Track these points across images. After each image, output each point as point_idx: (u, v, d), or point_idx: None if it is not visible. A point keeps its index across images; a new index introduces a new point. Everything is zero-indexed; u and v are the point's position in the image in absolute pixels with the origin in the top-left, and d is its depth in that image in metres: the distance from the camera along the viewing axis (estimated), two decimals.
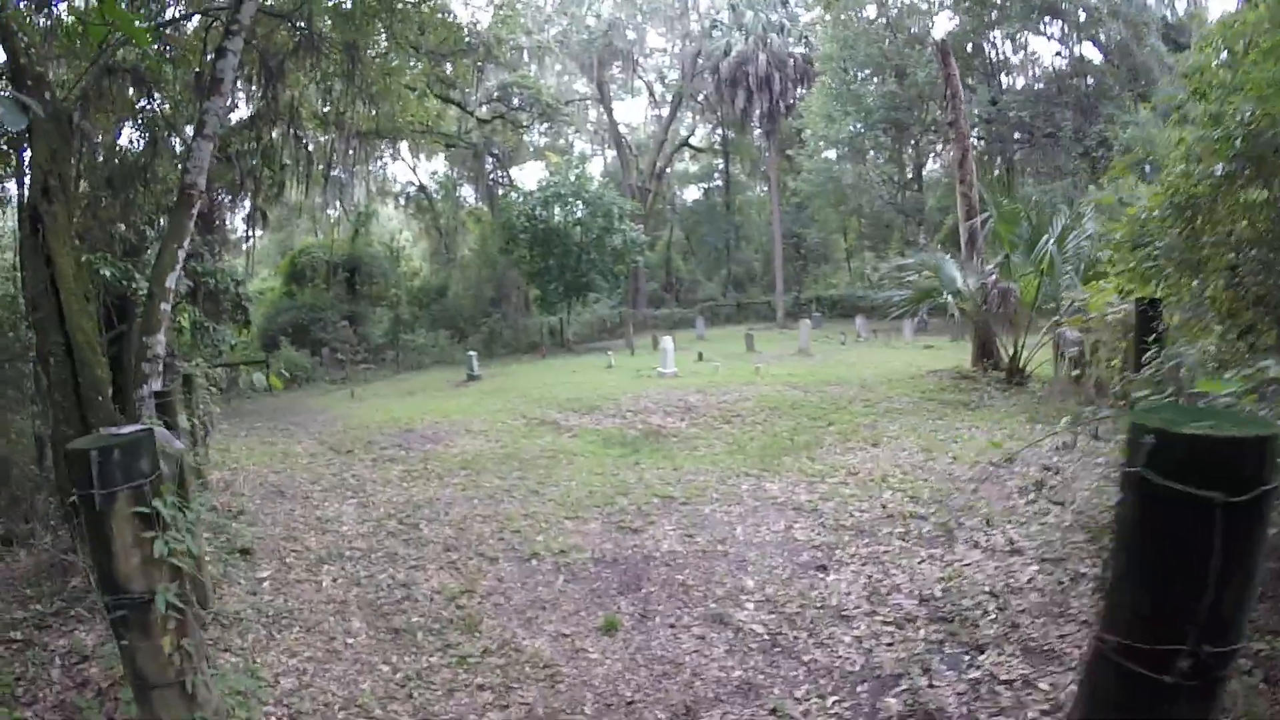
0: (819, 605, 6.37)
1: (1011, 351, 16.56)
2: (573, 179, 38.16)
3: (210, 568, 7.98)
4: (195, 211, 9.93)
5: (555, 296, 38.94)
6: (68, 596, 6.65)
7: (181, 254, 9.68)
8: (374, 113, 24.70)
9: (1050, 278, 15.77)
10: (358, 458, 14.02)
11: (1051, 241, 15.32)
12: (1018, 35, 41.67)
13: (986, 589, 6.29)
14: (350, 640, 6.46)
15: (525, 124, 45.83)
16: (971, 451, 10.85)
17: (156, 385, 9.37)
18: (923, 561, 7.08)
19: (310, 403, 24.48)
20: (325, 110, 25.40)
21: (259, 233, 54.42)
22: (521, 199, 39.65)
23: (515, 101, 43.89)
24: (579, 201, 37.69)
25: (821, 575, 6.98)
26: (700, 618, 6.36)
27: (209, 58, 12.14)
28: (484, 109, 44.27)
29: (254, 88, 22.64)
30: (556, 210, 37.70)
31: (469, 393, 22.59)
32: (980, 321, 17.47)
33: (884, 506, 8.69)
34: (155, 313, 9.45)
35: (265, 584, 7.81)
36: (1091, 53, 39.89)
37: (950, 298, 16.21)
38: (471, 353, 28.38)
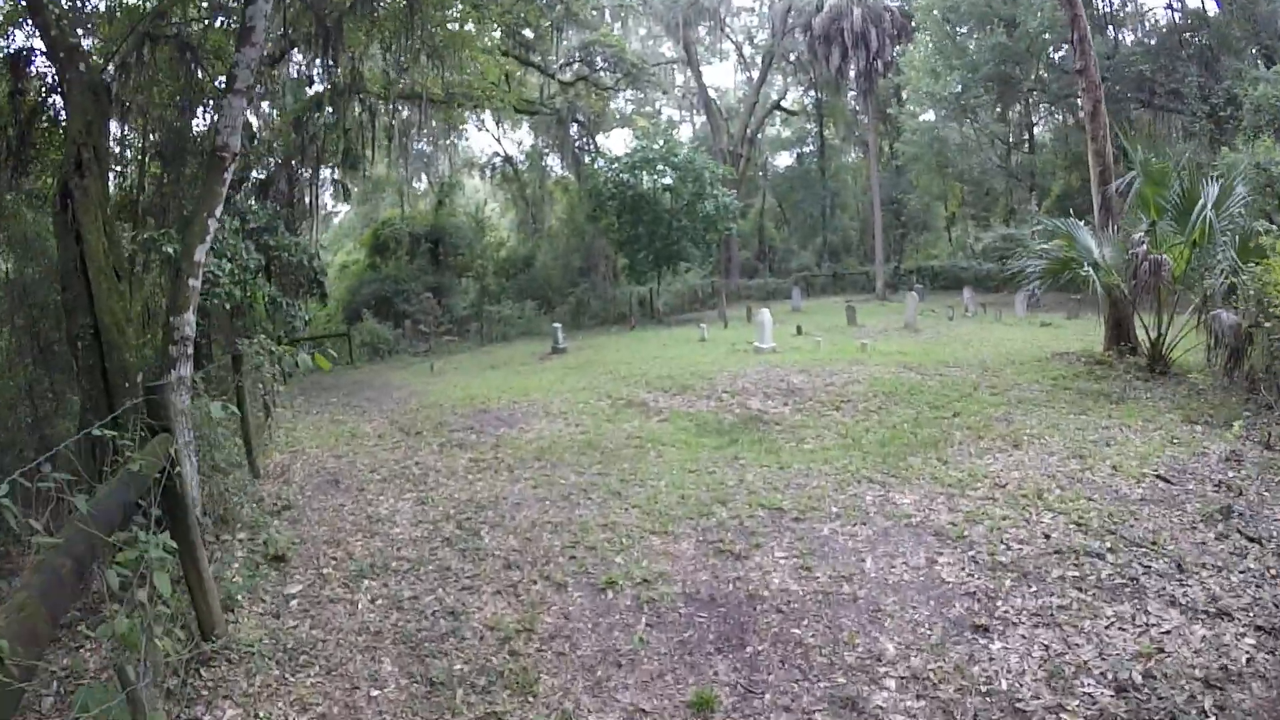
0: (984, 689, 4.75)
1: (1154, 334, 14.49)
2: (661, 143, 36.36)
3: (236, 579, 6.89)
4: (228, 176, 8.68)
5: (644, 265, 37.28)
6: (82, 606, 5.69)
7: (213, 224, 8.47)
8: (443, 75, 23.07)
9: (1204, 249, 13.65)
10: (425, 441, 12.84)
11: (1209, 206, 13.17)
12: None
13: (1198, 674, 4.75)
14: (376, 693, 5.17)
15: (610, 87, 44.07)
16: (1132, 459, 9.12)
17: (186, 370, 8.19)
18: (1110, 625, 5.40)
19: (390, 376, 23.58)
20: (391, 75, 23.99)
21: (343, 206, 54.79)
22: (608, 165, 38.09)
23: (598, 62, 42.20)
24: (668, 167, 35.84)
25: (983, 640, 5.32)
26: (824, 699, 4.79)
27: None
28: (566, 72, 42.76)
29: (314, 53, 21.60)
30: (645, 176, 36.03)
31: (552, 367, 21.27)
32: (1119, 299, 15.41)
33: (1047, 536, 6.96)
34: (183, 289, 8.26)
35: (293, 603, 6.63)
36: (1207, 4, 36.56)
37: (1091, 270, 14.17)
38: (556, 325, 27.04)
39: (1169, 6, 38.96)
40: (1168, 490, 8.12)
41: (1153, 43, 36.63)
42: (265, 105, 28.07)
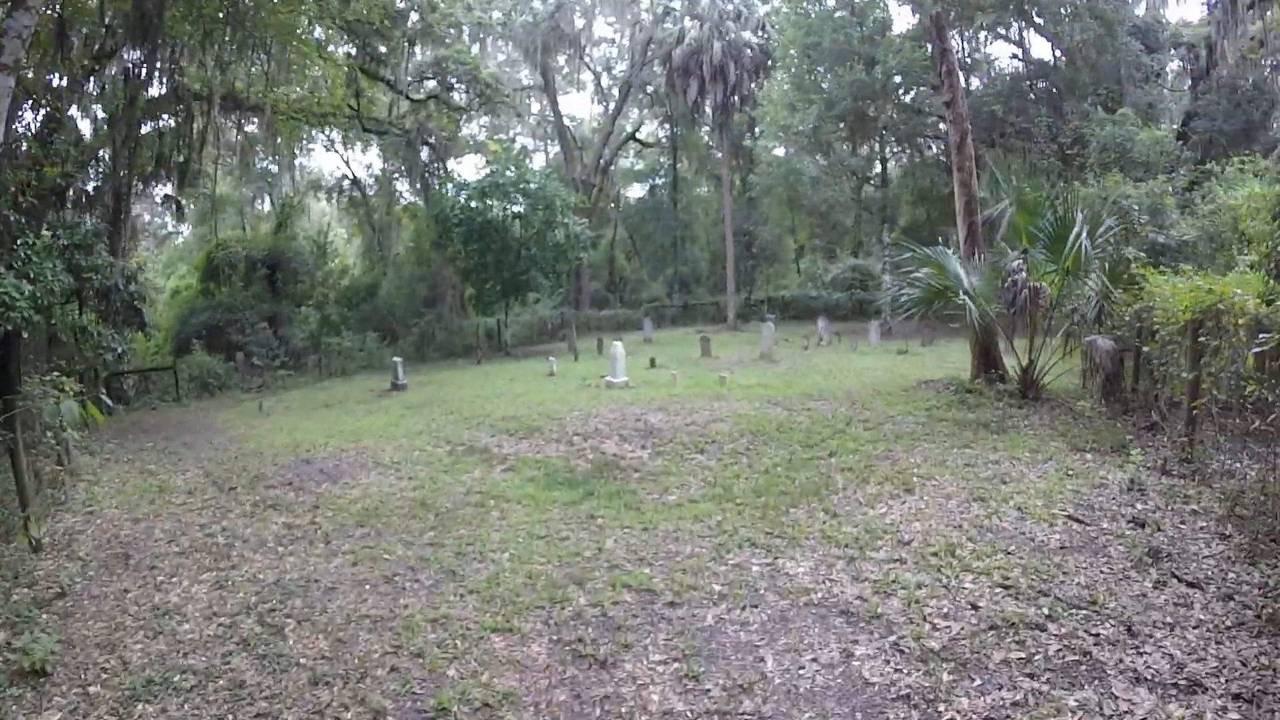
0: None
1: (1025, 361, 14.01)
2: (513, 170, 34.76)
3: None
4: None
5: (492, 296, 35.47)
6: None
7: None
8: (270, 73, 21.07)
9: (1075, 276, 13.26)
10: (238, 500, 11.05)
11: (1084, 235, 12.71)
12: (976, 34, 39.86)
13: None
14: None
15: (463, 108, 42.29)
16: (1036, 499, 8.41)
17: None
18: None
19: (216, 417, 21.24)
20: (211, 71, 21.83)
21: (183, 227, 51.13)
22: (456, 190, 36.16)
23: (451, 81, 40.42)
24: (519, 194, 34.27)
25: None
26: None
27: None
28: (419, 90, 40.82)
29: (133, 49, 19.36)
30: (494, 203, 34.32)
31: (390, 407, 19.39)
32: (987, 327, 14.92)
33: (974, 606, 5.85)
34: None
35: None
36: (1049, 54, 38.31)
37: (966, 298, 13.51)
38: (397, 359, 25.05)
39: (1014, 56, 41.05)
40: (1084, 532, 7.41)
41: (999, 88, 37.90)
42: (98, 109, 25.36)
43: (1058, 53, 37.01)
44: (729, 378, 18.42)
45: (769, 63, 41.88)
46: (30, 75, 18.54)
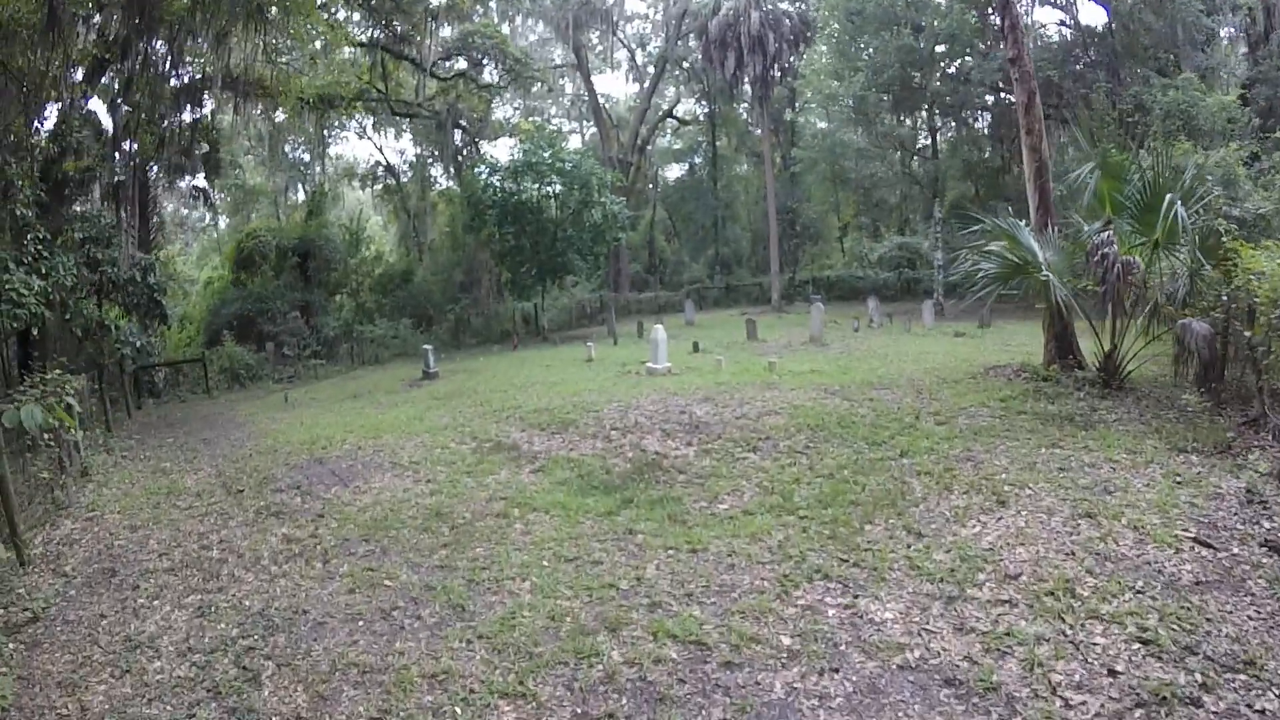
0: None
1: (1107, 346, 12.56)
2: (546, 149, 33.42)
3: None
4: None
5: (528, 280, 34.17)
6: None
7: None
8: (267, 41, 19.97)
9: (1166, 250, 11.86)
10: (243, 505, 10.16)
11: (1179, 204, 11.28)
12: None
13: None
14: None
15: (492, 84, 41.06)
16: (1151, 514, 7.15)
17: None
18: None
19: (241, 409, 20.51)
20: (206, 47, 20.84)
21: (217, 219, 50.76)
22: (489, 171, 34.79)
23: (479, 57, 39.18)
24: (554, 173, 32.91)
25: None
26: None
27: None
28: (447, 69, 39.67)
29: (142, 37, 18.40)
30: (529, 182, 33.01)
31: (418, 397, 18.34)
32: (1063, 308, 13.49)
33: (1112, 672, 4.56)
34: None
35: None
36: (1096, 20, 36.55)
37: (1050, 275, 12.07)
38: (427, 346, 24.04)
39: (1061, 23, 39.26)
40: (1216, 561, 6.19)
41: (1050, 55, 36.04)
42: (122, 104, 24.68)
43: (1105, 18, 35.23)
44: (778, 363, 17.15)
45: (808, 33, 40.44)
46: (41, 68, 17.72)
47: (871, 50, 37.01)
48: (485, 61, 39.39)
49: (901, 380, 14.22)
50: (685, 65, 50.48)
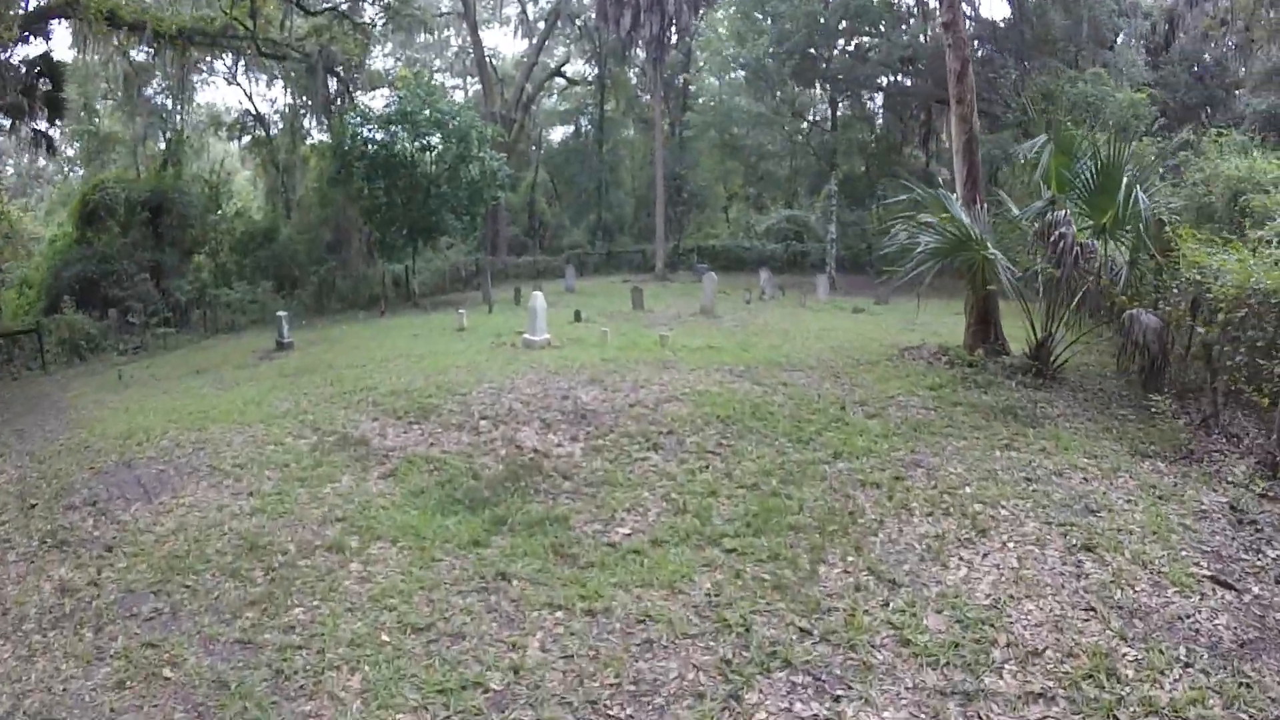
0: None
1: (1041, 332, 11.42)
2: (424, 98, 30.37)
3: None
4: None
5: (398, 240, 31.44)
6: None
7: None
8: None
9: (1112, 236, 10.80)
10: (31, 527, 7.76)
11: (1138, 188, 10.49)
12: None
13: None
14: None
15: (367, 23, 37.61)
16: (1152, 545, 6.00)
17: None
18: None
19: (72, 389, 17.48)
20: None
21: (63, 168, 45.68)
22: (359, 120, 31.36)
23: None
24: (430, 125, 30.11)
25: None
26: None
27: None
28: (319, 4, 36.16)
29: None
30: (403, 134, 30.26)
31: (265, 373, 15.87)
32: (989, 288, 12.24)
33: None
34: None
35: None
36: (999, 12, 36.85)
37: (997, 254, 10.62)
38: (282, 314, 21.27)
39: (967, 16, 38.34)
40: (1244, 608, 5.19)
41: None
42: None
43: (1008, 11, 35.35)
44: (670, 337, 15.38)
45: None
46: None
47: (778, 14, 35.42)
48: None
49: (812, 360, 12.69)
50: (579, 23, 48.00)
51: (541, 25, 48.67)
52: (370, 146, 29.52)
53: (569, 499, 7.14)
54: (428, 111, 29.37)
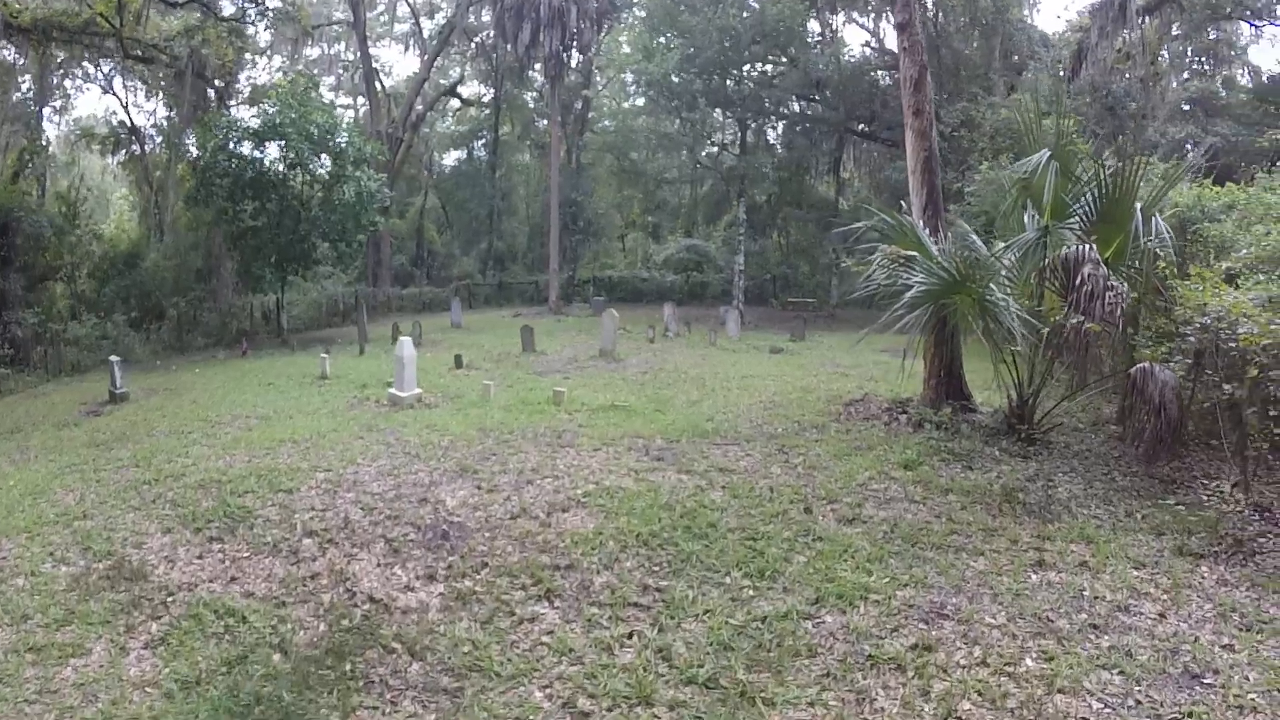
0: None
1: (1021, 384, 9.63)
2: (297, 109, 26.47)
3: None
4: None
5: (265, 269, 27.58)
6: None
7: None
8: None
9: (1117, 271, 8.72)
10: None
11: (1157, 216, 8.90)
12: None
13: None
14: None
15: (230, 19, 33.43)
16: None
17: None
18: None
19: None
20: None
21: None
22: (224, 131, 27.10)
23: None
24: (303, 139, 26.27)
25: None
26: None
27: None
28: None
29: None
30: (273, 149, 26.70)
31: (74, 441, 12.30)
32: (952, 334, 10.08)
33: None
34: None
35: None
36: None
37: (1007, 297, 8.34)
38: (115, 359, 17.61)
39: (865, 44, 38.87)
40: None
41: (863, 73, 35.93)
42: None
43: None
44: (566, 392, 12.65)
45: (615, 10, 36.74)
46: None
47: (688, 29, 33.30)
48: None
49: (744, 425, 10.37)
50: (476, 42, 45.59)
51: (435, 41, 45.72)
52: (235, 162, 25.91)
53: (417, 703, 4.42)
54: (298, 124, 25.97)
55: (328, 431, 10.60)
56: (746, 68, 35.38)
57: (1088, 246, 7.98)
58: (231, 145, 26.13)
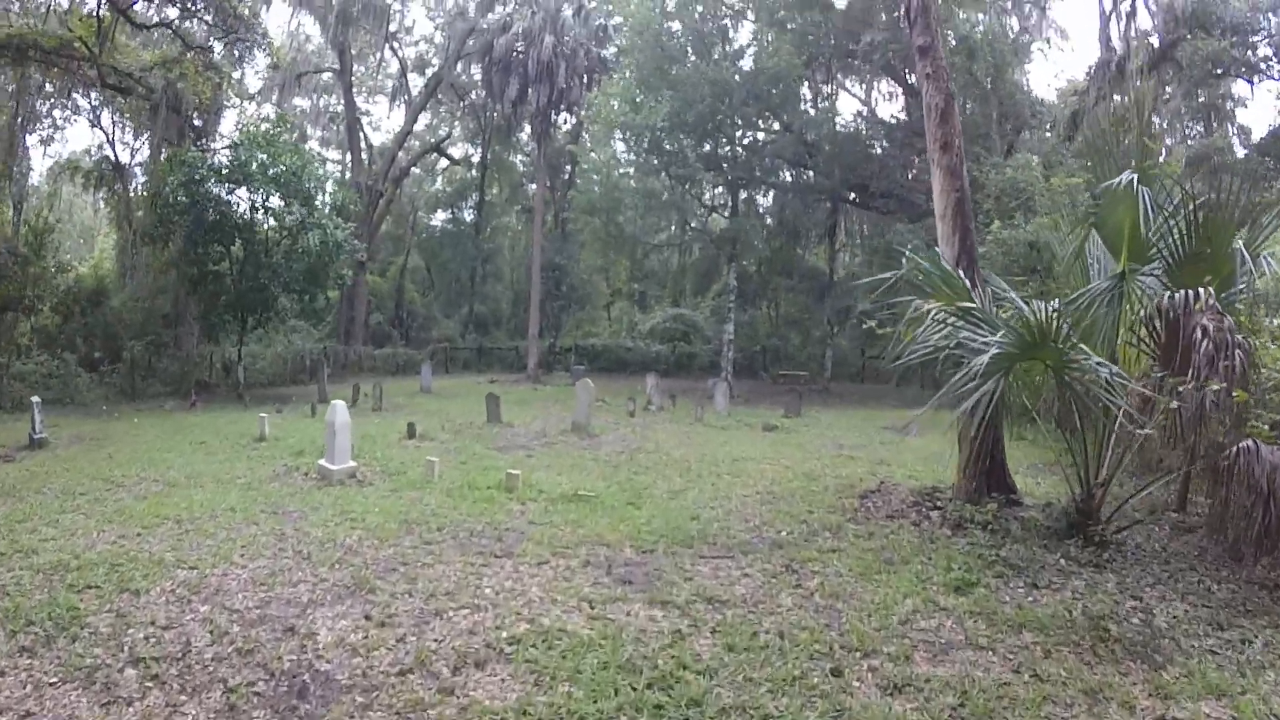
0: None
1: (1087, 470, 7.93)
2: (266, 148, 24.72)
3: None
4: None
5: (220, 317, 25.82)
6: None
7: None
8: None
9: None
10: None
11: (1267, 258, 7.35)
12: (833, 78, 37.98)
13: None
14: None
15: (196, 44, 31.36)
16: None
17: None
18: None
19: None
20: None
21: None
22: (186, 166, 24.80)
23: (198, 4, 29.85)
24: (268, 181, 24.34)
25: None
26: None
27: None
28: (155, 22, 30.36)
29: None
30: (242, 192, 24.85)
31: None
32: (993, 415, 8.11)
33: None
34: None
35: None
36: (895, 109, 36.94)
37: (1103, 362, 6.41)
38: (35, 399, 15.57)
39: (858, 114, 38.66)
40: None
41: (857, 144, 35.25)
42: None
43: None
44: (522, 475, 10.52)
45: (605, 68, 35.59)
46: None
47: (679, 81, 31.95)
48: (196, 6, 29.93)
49: (737, 525, 8.49)
50: (465, 102, 44.77)
51: (420, 94, 44.45)
52: (197, 202, 23.83)
53: None
54: (265, 166, 24.11)
55: (224, 511, 8.62)
56: (738, 133, 34.32)
57: (1202, 292, 6.05)
58: (196, 183, 24.10)
